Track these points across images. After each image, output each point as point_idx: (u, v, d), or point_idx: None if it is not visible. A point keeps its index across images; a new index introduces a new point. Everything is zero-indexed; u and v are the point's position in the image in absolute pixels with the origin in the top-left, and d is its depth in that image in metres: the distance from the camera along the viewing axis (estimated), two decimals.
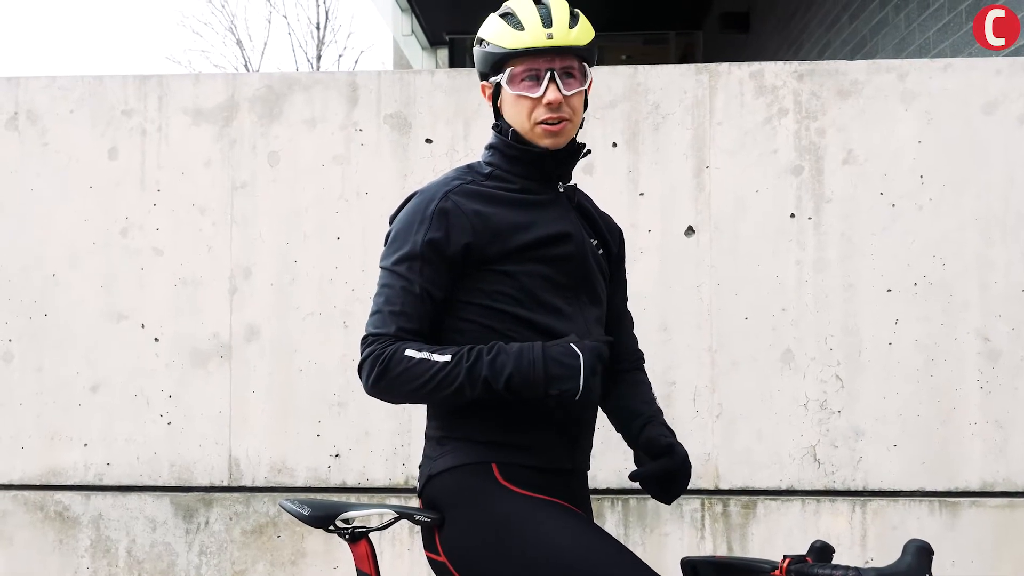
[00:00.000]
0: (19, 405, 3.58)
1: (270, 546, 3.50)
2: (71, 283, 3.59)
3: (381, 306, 2.03)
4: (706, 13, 11.52)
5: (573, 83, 2.05)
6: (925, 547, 1.74)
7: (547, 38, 2.01)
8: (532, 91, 2.03)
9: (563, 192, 2.12)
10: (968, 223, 3.44)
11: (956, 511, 3.38)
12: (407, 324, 1.99)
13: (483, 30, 2.10)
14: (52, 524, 3.54)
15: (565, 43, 2.02)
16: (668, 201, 3.51)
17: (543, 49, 2.02)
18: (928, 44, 5.31)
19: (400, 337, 1.98)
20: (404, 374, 1.94)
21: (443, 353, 1.94)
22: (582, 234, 2.11)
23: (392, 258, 2.04)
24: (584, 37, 2.06)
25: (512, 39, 2.03)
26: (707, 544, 3.40)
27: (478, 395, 1.92)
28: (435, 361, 1.93)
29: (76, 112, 3.63)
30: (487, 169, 2.10)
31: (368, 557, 2.03)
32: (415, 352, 1.94)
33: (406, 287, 2.00)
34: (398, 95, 3.58)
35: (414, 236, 2.01)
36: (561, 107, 2.03)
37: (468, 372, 1.91)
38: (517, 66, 2.04)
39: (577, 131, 2.11)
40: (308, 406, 3.53)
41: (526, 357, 1.90)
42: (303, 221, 3.57)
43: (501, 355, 1.91)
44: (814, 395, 3.44)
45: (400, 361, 1.94)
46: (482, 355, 1.92)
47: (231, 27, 28.51)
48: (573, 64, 2.05)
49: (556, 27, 2.02)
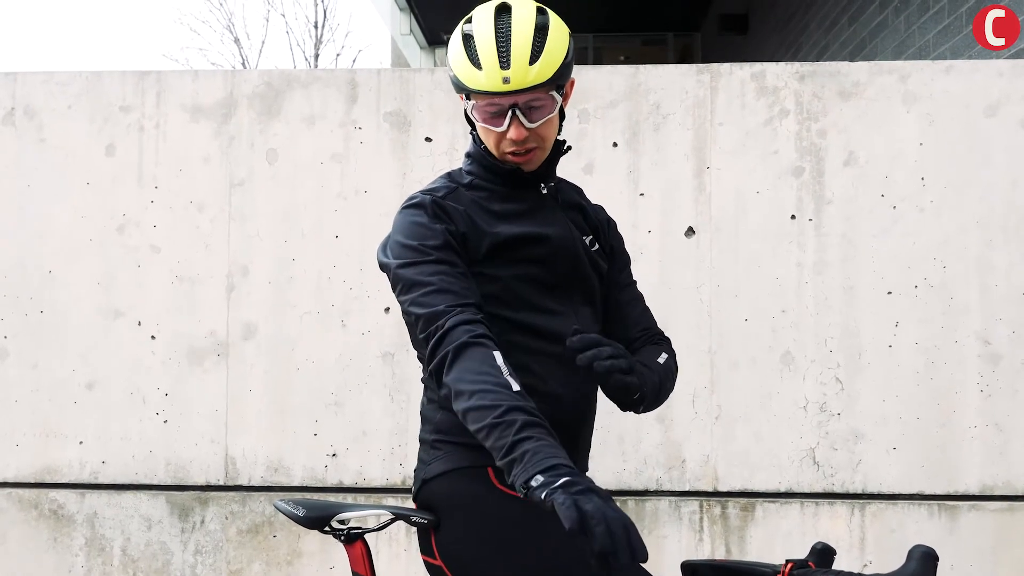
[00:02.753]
0: (14, 402, 3.56)
1: (266, 546, 3.48)
2: (68, 280, 3.57)
3: (424, 296, 1.87)
4: (705, 14, 11.53)
5: (540, 114, 1.95)
6: (930, 553, 1.72)
7: (503, 82, 1.89)
8: (496, 125, 1.95)
9: (546, 193, 2.10)
10: (969, 225, 3.43)
11: (955, 514, 3.37)
12: (472, 299, 1.89)
13: (449, 48, 2.01)
14: (46, 522, 3.52)
15: (523, 86, 1.90)
16: (668, 202, 3.50)
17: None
18: (928, 47, 5.30)
19: (473, 307, 1.86)
20: (478, 370, 1.79)
21: (516, 380, 1.78)
22: (569, 232, 2.07)
23: (414, 253, 1.93)
24: (547, 71, 1.92)
25: (469, 78, 1.93)
26: (705, 546, 3.39)
27: (487, 444, 1.76)
28: (507, 383, 1.76)
29: (74, 108, 3.61)
30: (467, 179, 2.06)
31: (364, 558, 2.01)
32: (501, 360, 1.79)
33: (449, 270, 1.90)
34: (398, 93, 3.57)
35: (431, 228, 1.94)
36: (527, 140, 1.96)
37: (515, 435, 1.72)
38: (479, 100, 1.95)
39: (552, 145, 2.04)
40: (305, 405, 3.52)
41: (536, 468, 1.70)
42: (301, 219, 3.55)
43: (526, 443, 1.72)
44: (814, 397, 3.43)
45: (487, 358, 1.79)
46: (524, 428, 1.72)
47: (229, 25, 28.57)
48: (539, 95, 1.93)
49: (514, 67, 1.89)
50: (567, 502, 1.58)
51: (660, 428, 3.45)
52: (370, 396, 3.51)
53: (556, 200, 2.11)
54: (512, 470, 1.69)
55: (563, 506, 1.58)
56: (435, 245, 1.93)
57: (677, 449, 3.45)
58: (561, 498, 1.59)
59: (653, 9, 11.15)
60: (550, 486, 1.62)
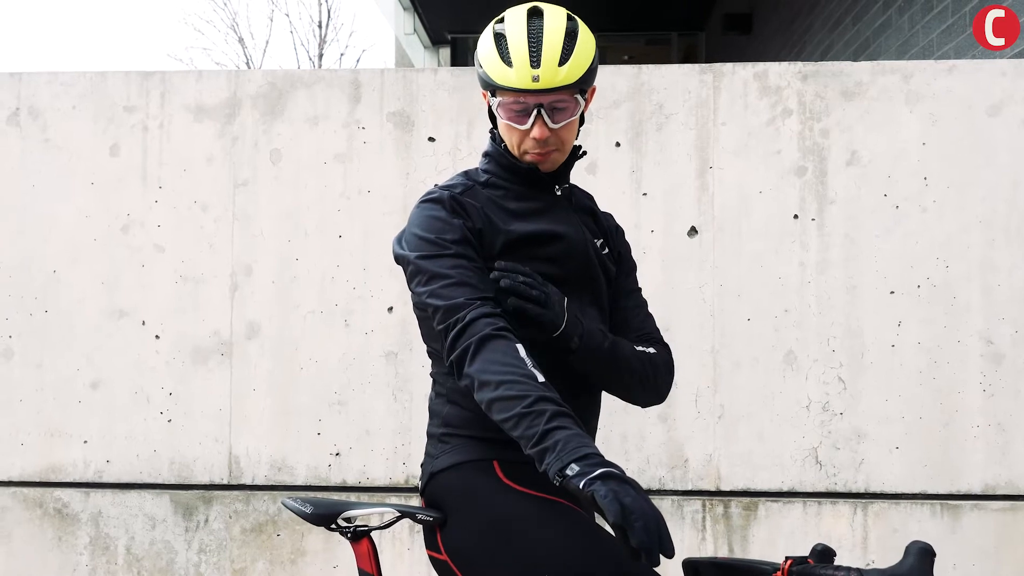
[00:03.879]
0: (19, 402, 3.57)
1: (270, 544, 3.49)
2: (72, 280, 3.58)
3: (442, 288, 1.90)
4: (708, 14, 11.52)
5: (563, 115, 2.01)
6: (927, 549, 1.73)
7: (532, 80, 1.95)
8: (520, 124, 2.01)
9: (560, 195, 2.13)
10: (972, 225, 3.44)
11: (958, 514, 3.37)
12: (490, 293, 1.91)
13: (479, 46, 2.06)
14: (51, 521, 3.54)
15: (551, 85, 1.96)
16: (671, 201, 3.51)
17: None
18: (931, 46, 5.30)
19: (490, 301, 1.88)
20: (503, 361, 1.81)
21: (539, 371, 1.80)
22: (582, 234, 2.11)
23: (433, 246, 1.95)
24: (575, 73, 1.98)
25: (499, 74, 1.98)
26: (708, 545, 3.40)
27: (514, 433, 1.78)
28: (533, 375, 1.78)
29: (78, 108, 3.62)
30: (484, 177, 2.11)
31: (370, 556, 2.03)
32: (524, 353, 1.82)
33: (467, 264, 1.93)
34: (401, 93, 3.57)
35: (449, 223, 1.97)
36: (548, 140, 2.01)
37: (544, 424, 1.75)
38: (506, 96, 2.00)
39: (571, 149, 2.09)
40: (309, 404, 3.53)
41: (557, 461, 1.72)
42: (305, 219, 3.56)
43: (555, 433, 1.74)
44: (816, 397, 3.44)
45: (510, 350, 1.81)
46: (554, 418, 1.74)
47: (233, 25, 28.57)
48: (564, 97, 1.99)
49: (544, 66, 1.95)
50: (608, 495, 1.61)
51: (663, 427, 3.45)
52: (373, 395, 3.51)
53: (570, 202, 2.15)
54: (544, 458, 1.72)
55: (605, 499, 1.60)
56: (453, 239, 1.96)
57: (680, 448, 3.46)
58: (603, 491, 1.61)
59: (657, 9, 11.15)
60: (587, 475, 1.64)
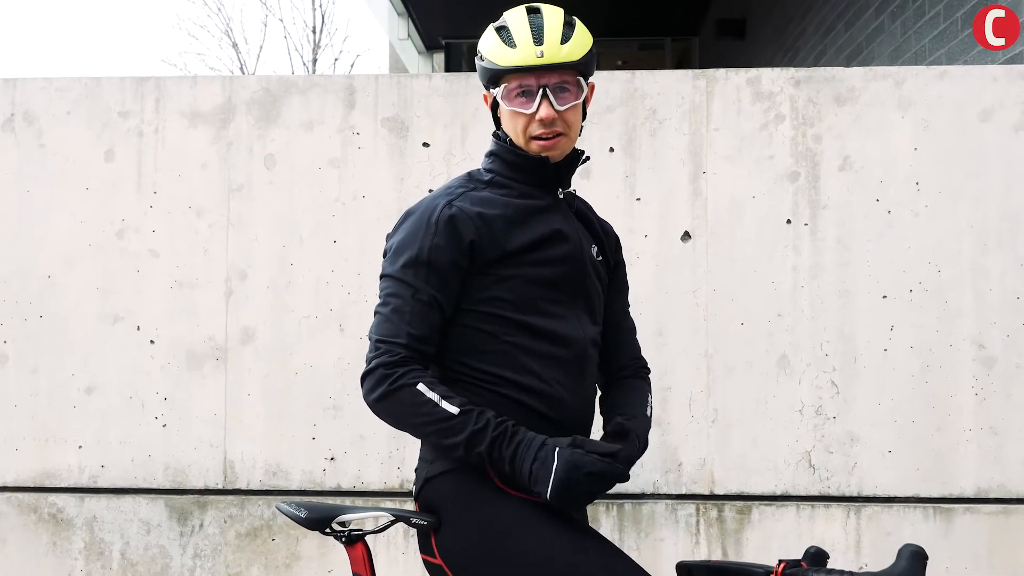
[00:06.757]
0: (14, 407, 3.57)
1: (264, 549, 3.49)
2: (67, 285, 3.58)
3: (389, 314, 2.02)
4: (702, 19, 11.55)
5: (568, 97, 2.06)
6: (919, 552, 1.74)
7: (537, 56, 2.02)
8: (525, 107, 2.04)
9: (562, 198, 2.14)
10: (964, 230, 3.45)
11: (950, 517, 3.38)
12: (417, 331, 1.99)
13: (481, 43, 2.12)
14: (46, 526, 3.53)
15: (556, 60, 2.03)
16: (665, 206, 3.52)
17: (535, 67, 2.02)
18: (924, 51, 5.32)
19: (412, 348, 1.99)
20: (408, 408, 1.97)
21: (452, 402, 1.94)
22: (579, 237, 2.13)
23: (397, 264, 2.03)
24: (578, 51, 2.06)
25: (503, 56, 2.04)
26: (702, 549, 3.41)
27: (466, 459, 1.96)
28: (443, 409, 1.94)
29: (73, 114, 3.62)
30: (487, 176, 2.13)
31: (364, 560, 2.03)
32: (427, 390, 1.95)
33: (414, 294, 2.01)
34: (395, 99, 3.59)
35: (420, 242, 2.01)
36: (555, 122, 2.05)
37: (468, 439, 1.92)
38: (511, 82, 2.05)
39: (576, 137, 2.13)
40: (303, 409, 3.53)
41: (521, 454, 1.92)
42: (299, 224, 3.57)
43: (503, 440, 1.93)
44: (809, 401, 3.45)
45: (410, 394, 1.96)
46: (487, 429, 1.92)
47: (227, 30, 28.44)
48: (568, 78, 2.05)
49: (547, 43, 2.02)
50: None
51: (657, 431, 3.46)
52: None
53: (571, 207, 2.17)
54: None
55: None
56: (415, 260, 2.01)
57: (674, 452, 3.47)
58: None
59: (650, 14, 11.18)
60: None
